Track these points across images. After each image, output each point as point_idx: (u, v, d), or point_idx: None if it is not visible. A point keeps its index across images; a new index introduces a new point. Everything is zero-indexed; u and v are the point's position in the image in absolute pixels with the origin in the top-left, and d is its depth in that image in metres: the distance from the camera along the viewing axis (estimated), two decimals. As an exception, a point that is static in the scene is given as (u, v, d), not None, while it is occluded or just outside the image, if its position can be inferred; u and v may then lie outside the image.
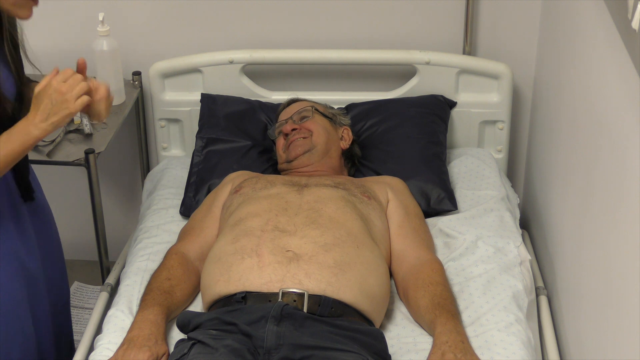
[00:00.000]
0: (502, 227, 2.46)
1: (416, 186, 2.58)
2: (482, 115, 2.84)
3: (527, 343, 2.09)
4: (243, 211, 2.27)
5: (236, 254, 2.13)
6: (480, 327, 2.12)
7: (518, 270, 2.31)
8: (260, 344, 1.93)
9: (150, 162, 3.09)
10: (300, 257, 2.09)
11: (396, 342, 2.11)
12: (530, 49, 2.86)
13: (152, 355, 1.99)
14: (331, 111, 2.69)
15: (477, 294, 2.21)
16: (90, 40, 2.72)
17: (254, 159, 2.69)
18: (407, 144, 2.70)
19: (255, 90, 2.88)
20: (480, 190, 2.63)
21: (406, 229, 2.36)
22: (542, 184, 2.70)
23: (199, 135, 2.76)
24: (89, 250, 2.80)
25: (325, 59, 2.82)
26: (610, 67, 1.94)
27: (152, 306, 2.10)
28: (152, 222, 2.58)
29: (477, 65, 2.80)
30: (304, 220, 2.19)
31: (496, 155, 2.87)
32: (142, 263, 2.38)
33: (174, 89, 2.88)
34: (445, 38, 2.86)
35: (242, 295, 2.05)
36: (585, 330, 2.09)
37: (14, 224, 2.11)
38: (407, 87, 2.85)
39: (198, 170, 2.69)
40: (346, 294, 2.06)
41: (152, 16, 2.89)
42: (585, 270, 2.12)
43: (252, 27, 2.89)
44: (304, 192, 2.31)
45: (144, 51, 2.93)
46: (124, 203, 3.23)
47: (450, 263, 2.33)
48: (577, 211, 2.21)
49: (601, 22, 2.01)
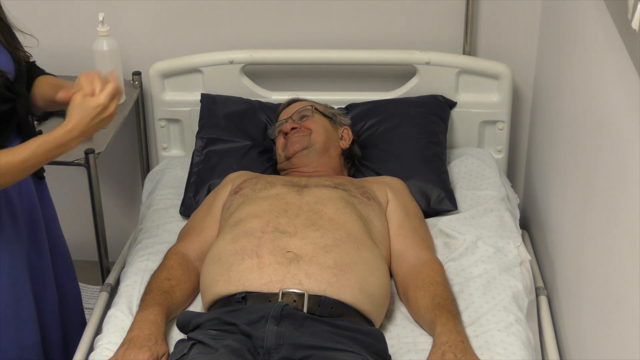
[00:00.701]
0: (502, 228, 2.46)
1: (416, 186, 2.58)
2: (482, 115, 2.84)
3: (527, 343, 2.09)
4: (243, 212, 2.27)
5: (236, 255, 2.13)
6: (480, 327, 2.12)
7: (518, 271, 2.31)
8: (260, 344, 1.93)
9: (150, 162, 3.09)
10: (301, 258, 2.09)
11: (396, 342, 2.11)
12: (530, 49, 2.86)
13: (152, 355, 1.99)
14: (331, 111, 2.69)
15: (477, 294, 2.21)
16: (90, 40, 2.72)
17: (254, 159, 2.69)
18: (407, 144, 2.70)
19: (255, 90, 2.88)
20: (480, 191, 2.63)
21: (406, 229, 2.36)
22: (542, 184, 2.70)
23: (199, 135, 2.76)
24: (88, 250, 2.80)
25: (325, 59, 2.82)
26: (610, 68, 1.94)
27: (152, 306, 2.10)
28: (152, 222, 2.58)
29: (477, 66, 2.79)
30: (304, 222, 2.19)
31: (496, 156, 2.87)
32: (142, 263, 2.38)
33: (174, 89, 2.88)
34: (445, 38, 2.86)
35: (242, 296, 2.05)
36: (585, 330, 2.09)
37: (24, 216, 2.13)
38: (407, 87, 2.85)
39: (198, 170, 2.69)
40: (346, 294, 2.06)
41: (152, 16, 2.89)
42: (585, 271, 2.12)
43: (252, 27, 2.89)
44: (303, 193, 2.31)
45: (144, 51, 2.93)
46: (124, 203, 3.23)
47: (450, 263, 2.33)
48: (577, 211, 2.21)
49: (601, 22, 2.01)
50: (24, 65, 2.06)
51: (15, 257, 2.10)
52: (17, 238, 2.10)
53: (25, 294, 2.13)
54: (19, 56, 2.04)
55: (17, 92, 2.00)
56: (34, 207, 2.17)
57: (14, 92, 1.99)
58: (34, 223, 2.17)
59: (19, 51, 2.05)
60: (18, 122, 2.03)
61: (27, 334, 2.15)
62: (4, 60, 1.99)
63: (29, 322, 2.15)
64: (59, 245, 2.31)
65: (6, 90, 1.96)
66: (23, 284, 2.13)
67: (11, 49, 2.02)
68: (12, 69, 2.01)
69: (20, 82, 2.02)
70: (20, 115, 2.02)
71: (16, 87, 2.00)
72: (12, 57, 2.01)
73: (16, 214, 2.10)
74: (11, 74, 1.99)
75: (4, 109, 1.97)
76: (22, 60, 2.06)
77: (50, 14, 2.85)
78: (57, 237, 2.31)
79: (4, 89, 1.95)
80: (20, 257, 2.11)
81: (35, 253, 2.19)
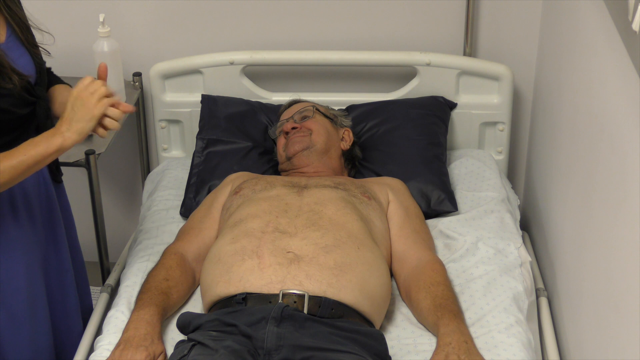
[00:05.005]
0: (503, 229, 2.46)
1: (416, 187, 2.58)
2: (482, 116, 2.84)
3: (527, 344, 2.09)
4: (243, 212, 2.27)
5: (236, 255, 2.13)
6: (480, 328, 2.12)
7: (518, 272, 2.31)
8: (261, 345, 1.93)
9: (150, 163, 3.09)
10: (301, 259, 2.09)
11: (396, 343, 2.11)
12: (530, 50, 2.86)
13: (149, 355, 1.99)
14: (332, 112, 2.69)
15: (478, 296, 2.21)
16: (91, 41, 2.72)
17: (255, 160, 2.69)
18: (407, 146, 2.70)
19: (256, 91, 2.88)
20: (481, 192, 2.63)
21: (407, 230, 2.36)
22: (543, 186, 2.70)
23: (200, 136, 2.76)
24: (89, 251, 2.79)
25: (326, 60, 2.82)
26: (610, 69, 1.94)
27: (149, 306, 2.11)
28: (152, 223, 2.58)
29: (477, 67, 2.80)
30: (304, 222, 2.19)
31: (496, 157, 2.87)
32: (142, 264, 2.38)
33: (174, 90, 2.88)
34: (445, 39, 2.86)
35: (243, 297, 2.05)
36: (586, 331, 2.09)
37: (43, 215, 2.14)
38: (408, 89, 2.85)
39: (198, 171, 2.69)
40: (347, 295, 2.06)
41: (152, 17, 2.90)
42: (585, 272, 2.12)
43: (253, 28, 2.89)
44: (303, 194, 2.31)
45: (145, 52, 2.93)
46: (124, 204, 3.23)
47: (450, 264, 2.33)
48: (578, 213, 2.21)
49: (602, 23, 2.01)
50: (44, 67, 2.07)
51: (32, 259, 2.11)
52: (34, 240, 2.12)
53: (40, 295, 2.14)
54: (40, 56, 2.05)
55: (38, 95, 2.01)
56: (54, 211, 2.18)
57: (35, 96, 1.99)
58: (54, 227, 2.19)
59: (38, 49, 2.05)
60: (37, 125, 2.03)
61: (41, 335, 2.16)
62: (26, 64, 1.99)
63: (44, 323, 2.16)
64: (75, 248, 2.33)
65: (27, 94, 1.96)
66: (38, 285, 2.14)
67: (31, 49, 2.02)
68: (33, 72, 2.01)
69: (40, 85, 2.03)
70: (40, 118, 2.02)
71: (37, 90, 2.01)
72: (33, 59, 2.02)
73: (35, 216, 2.11)
74: (32, 77, 2.00)
75: (25, 112, 1.98)
76: (43, 62, 2.06)
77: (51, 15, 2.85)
78: (74, 240, 2.32)
79: (25, 92, 1.95)
80: (36, 259, 2.12)
81: (56, 256, 2.20)
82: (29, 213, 2.09)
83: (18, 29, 1.99)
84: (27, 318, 2.11)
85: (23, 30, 2.01)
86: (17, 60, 1.95)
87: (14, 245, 2.05)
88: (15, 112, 1.95)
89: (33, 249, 2.11)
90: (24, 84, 1.93)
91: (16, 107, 1.94)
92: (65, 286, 2.24)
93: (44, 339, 2.17)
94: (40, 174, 2.12)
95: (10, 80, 1.89)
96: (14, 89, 1.90)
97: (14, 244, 2.05)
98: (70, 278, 2.25)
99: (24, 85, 1.94)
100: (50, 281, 2.19)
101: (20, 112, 1.96)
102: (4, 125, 1.94)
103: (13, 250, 2.05)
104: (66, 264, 2.23)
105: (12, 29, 1.98)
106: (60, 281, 2.23)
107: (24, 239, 2.08)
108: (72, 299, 2.28)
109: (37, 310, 2.13)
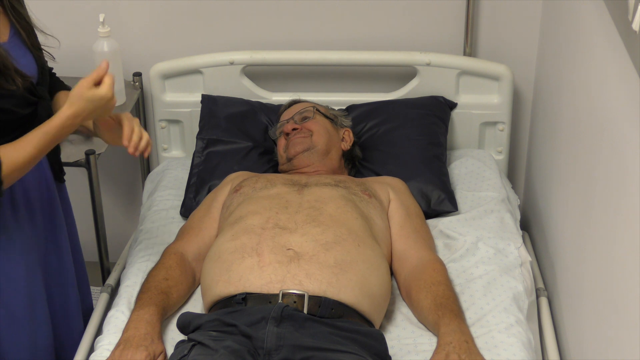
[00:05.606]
0: (503, 229, 2.46)
1: (416, 187, 2.58)
2: (482, 116, 2.84)
3: (527, 344, 2.09)
4: (243, 210, 2.27)
5: (236, 253, 2.13)
6: (480, 328, 2.12)
7: (518, 272, 2.31)
8: (261, 345, 1.93)
9: (150, 163, 3.09)
10: (301, 257, 2.09)
11: (396, 343, 2.11)
12: (530, 50, 2.86)
13: (149, 355, 1.99)
14: (332, 112, 2.69)
15: (478, 296, 2.22)
16: (90, 41, 2.72)
17: (255, 160, 2.69)
18: (407, 145, 2.70)
19: (256, 91, 2.88)
20: (481, 192, 2.63)
21: (407, 229, 2.36)
22: (543, 186, 2.70)
23: (200, 137, 2.76)
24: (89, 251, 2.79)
25: (326, 60, 2.82)
26: (610, 69, 1.94)
27: (149, 306, 2.11)
28: (152, 223, 2.58)
29: (477, 67, 2.80)
30: (304, 218, 2.19)
31: (496, 157, 2.87)
32: (143, 264, 2.38)
33: (174, 90, 2.88)
34: (445, 39, 2.86)
35: (242, 297, 2.05)
36: (586, 331, 2.09)
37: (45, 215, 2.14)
38: (408, 89, 2.85)
39: (198, 171, 2.69)
40: (347, 294, 2.06)
41: (152, 17, 2.90)
42: (585, 272, 2.12)
43: (253, 28, 2.89)
44: (304, 192, 2.31)
45: (145, 52, 2.93)
46: (124, 204, 3.23)
47: (450, 264, 2.33)
48: (578, 212, 2.21)
49: (601, 23, 2.01)
50: (47, 66, 2.07)
51: (32, 259, 2.11)
52: (35, 240, 2.12)
53: (40, 294, 2.14)
54: (42, 58, 2.05)
55: (40, 95, 2.01)
56: (55, 210, 2.18)
57: (37, 96, 2.00)
58: (55, 227, 2.19)
59: (42, 52, 2.06)
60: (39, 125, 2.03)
61: (40, 335, 2.16)
62: (28, 63, 1.99)
63: (43, 322, 2.16)
64: (76, 248, 2.33)
65: (29, 94, 1.97)
66: (38, 285, 2.14)
67: (35, 51, 2.02)
68: (35, 72, 2.02)
69: (42, 85, 2.03)
70: (42, 119, 2.02)
71: (39, 90, 2.01)
72: (35, 59, 2.02)
73: (35, 216, 2.11)
74: (34, 78, 2.00)
75: (26, 112, 1.98)
76: (45, 62, 2.06)
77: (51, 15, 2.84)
78: (75, 240, 2.32)
79: (27, 93, 1.95)
80: (36, 259, 2.12)
81: (56, 256, 2.20)
82: (30, 212, 2.09)
83: (24, 32, 2.00)
84: (27, 318, 2.11)
85: (28, 33, 2.01)
86: (20, 59, 1.95)
87: (14, 245, 2.05)
88: (17, 112, 1.95)
89: (33, 248, 2.11)
90: (26, 84, 1.94)
91: (18, 108, 1.95)
92: (65, 286, 2.24)
93: (44, 339, 2.17)
94: (42, 173, 2.13)
95: (14, 82, 1.89)
96: (16, 90, 1.91)
97: (14, 244, 2.05)
98: (70, 278, 2.25)
99: (26, 85, 1.94)
100: (50, 281, 2.19)
101: (22, 112, 1.96)
102: (6, 125, 1.94)
103: (13, 250, 2.05)
104: (67, 263, 2.23)
105: (16, 29, 1.99)
106: (60, 281, 2.23)
107: (25, 238, 2.08)
108: (73, 299, 2.28)
109: (37, 310, 2.13)
